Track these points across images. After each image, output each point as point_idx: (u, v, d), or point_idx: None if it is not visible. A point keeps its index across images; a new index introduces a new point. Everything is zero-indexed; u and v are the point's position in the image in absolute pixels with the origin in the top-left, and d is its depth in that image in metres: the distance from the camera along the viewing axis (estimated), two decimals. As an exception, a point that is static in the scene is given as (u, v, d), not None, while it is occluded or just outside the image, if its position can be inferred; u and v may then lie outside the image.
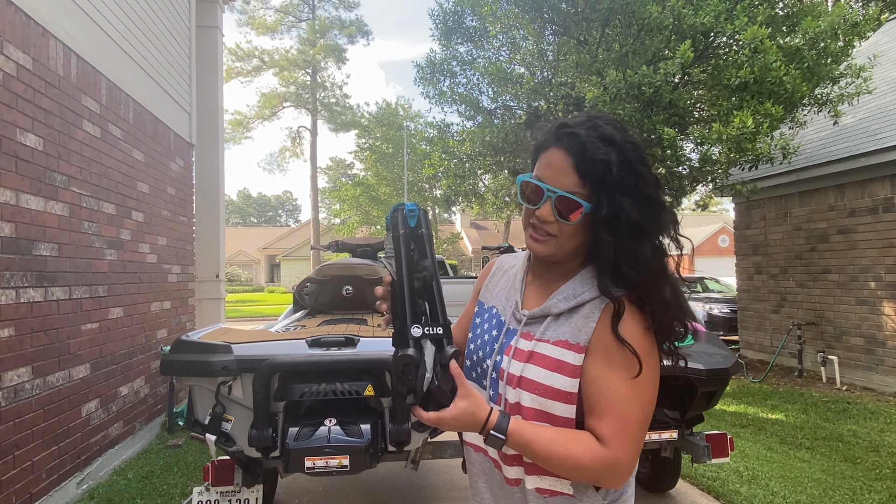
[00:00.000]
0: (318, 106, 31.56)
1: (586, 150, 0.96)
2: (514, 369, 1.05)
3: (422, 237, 1.02)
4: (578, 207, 0.97)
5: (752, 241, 8.52)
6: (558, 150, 1.00)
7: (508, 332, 1.11)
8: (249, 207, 71.22)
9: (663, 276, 1.00)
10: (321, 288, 3.66)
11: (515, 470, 1.06)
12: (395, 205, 1.04)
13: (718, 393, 2.82)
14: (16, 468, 2.89)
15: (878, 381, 6.37)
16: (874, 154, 6.26)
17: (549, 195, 0.99)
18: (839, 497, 3.47)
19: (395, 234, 1.00)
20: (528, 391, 1.02)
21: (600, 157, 0.96)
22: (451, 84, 9.00)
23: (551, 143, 1.02)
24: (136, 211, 4.56)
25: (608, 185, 0.96)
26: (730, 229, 27.91)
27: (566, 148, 0.98)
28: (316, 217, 31.86)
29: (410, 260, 1.00)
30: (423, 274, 0.99)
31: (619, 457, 0.93)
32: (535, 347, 1.04)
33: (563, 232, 1.00)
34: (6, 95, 2.91)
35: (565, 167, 0.98)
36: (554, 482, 1.02)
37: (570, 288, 1.06)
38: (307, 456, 2.09)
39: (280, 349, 2.28)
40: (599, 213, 0.97)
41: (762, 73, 5.55)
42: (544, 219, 1.00)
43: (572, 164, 0.98)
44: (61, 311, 3.39)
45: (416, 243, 1.01)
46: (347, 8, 31.81)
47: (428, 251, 1.01)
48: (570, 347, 1.01)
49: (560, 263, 1.09)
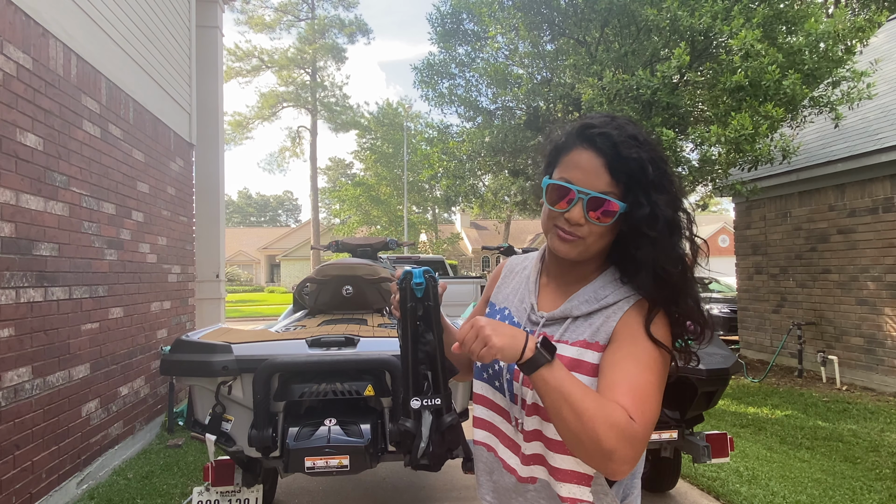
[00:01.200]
0: (318, 106, 31.57)
1: (619, 150, 0.96)
2: None
3: (429, 309, 1.04)
4: (613, 208, 0.97)
5: (752, 241, 8.52)
6: (586, 151, 0.98)
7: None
8: (249, 207, 71.23)
9: (693, 275, 1.01)
10: (321, 288, 3.65)
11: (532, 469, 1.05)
12: (404, 272, 1.05)
13: (718, 393, 2.82)
14: (16, 468, 2.89)
15: (878, 381, 6.37)
16: (874, 154, 6.26)
17: (582, 197, 0.97)
18: (839, 497, 3.47)
19: (403, 306, 1.03)
20: None
21: (634, 156, 0.95)
22: (451, 86, 9.01)
23: (576, 144, 1.00)
24: (136, 211, 4.56)
25: (643, 184, 0.96)
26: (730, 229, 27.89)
27: (596, 148, 0.97)
28: (316, 217, 31.87)
29: (416, 332, 1.03)
30: (426, 348, 1.03)
31: (639, 432, 0.89)
32: (561, 351, 1.02)
33: (592, 233, 0.99)
34: (6, 95, 2.90)
35: (597, 168, 0.97)
36: (573, 489, 1.00)
37: (592, 291, 1.05)
38: (307, 456, 2.09)
39: (280, 349, 2.28)
40: (636, 212, 0.97)
41: (757, 76, 5.56)
42: (575, 221, 0.98)
43: (604, 165, 0.97)
44: (61, 311, 3.39)
45: (422, 315, 1.04)
46: (347, 7, 31.83)
47: (434, 323, 1.04)
48: (589, 346, 1.01)
49: (578, 265, 1.08)
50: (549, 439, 1.02)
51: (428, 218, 28.81)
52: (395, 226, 26.44)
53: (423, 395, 1.01)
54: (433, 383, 1.02)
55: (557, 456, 1.01)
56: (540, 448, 1.04)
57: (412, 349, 1.02)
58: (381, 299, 3.77)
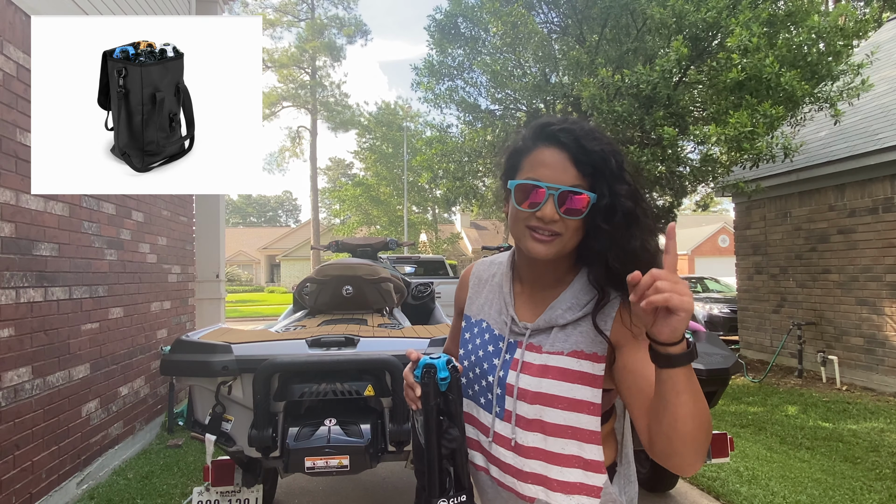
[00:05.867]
0: (318, 105, 31.58)
1: (582, 143, 0.96)
2: (527, 384, 1.01)
3: (452, 403, 1.00)
4: (584, 199, 0.96)
5: (752, 241, 8.52)
6: (549, 148, 0.99)
7: (510, 346, 1.07)
8: (249, 207, 71.23)
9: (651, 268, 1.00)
10: (321, 288, 3.65)
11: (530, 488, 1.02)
12: (423, 361, 1.00)
13: (718, 393, 2.82)
14: (16, 468, 2.89)
15: (878, 381, 6.37)
16: (874, 154, 6.26)
17: (552, 192, 0.96)
18: (839, 497, 3.47)
19: (426, 403, 0.98)
20: (552, 406, 0.99)
21: (596, 148, 0.96)
22: (450, 87, 9.01)
23: (538, 143, 1.01)
24: (136, 211, 4.55)
25: (605, 175, 0.97)
26: (730, 229, 27.90)
27: (560, 144, 0.98)
28: (316, 217, 31.87)
29: (440, 428, 0.98)
30: (452, 444, 0.99)
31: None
32: (550, 361, 1.01)
33: (568, 228, 0.98)
34: (6, 95, 2.91)
35: (563, 162, 0.98)
36: (583, 500, 0.99)
37: (572, 296, 1.04)
38: (307, 456, 2.09)
39: (280, 349, 2.28)
40: (600, 203, 0.97)
41: (755, 73, 5.55)
42: (549, 218, 0.97)
43: (569, 159, 0.97)
44: (61, 310, 3.39)
45: (445, 409, 1.00)
46: (346, 7, 31.85)
47: (457, 416, 1.01)
48: (588, 357, 0.99)
49: (551, 269, 1.07)
50: (551, 454, 1.00)
51: (428, 218, 28.81)
52: (395, 226, 26.44)
53: (446, 494, 0.96)
54: (456, 479, 0.98)
55: (565, 470, 0.99)
56: (540, 466, 1.01)
57: (437, 447, 0.97)
58: (381, 299, 3.76)
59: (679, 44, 5.69)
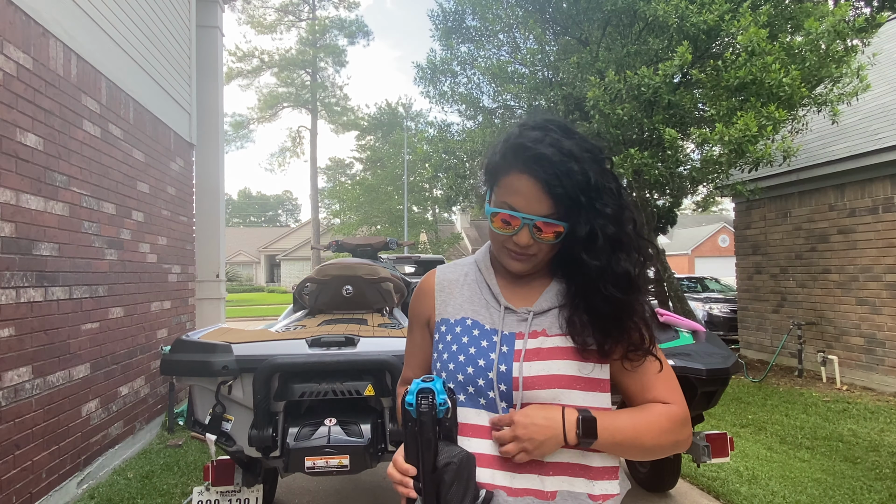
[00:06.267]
0: (319, 106, 31.58)
1: (556, 172, 0.94)
2: (538, 369, 0.99)
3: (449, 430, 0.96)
4: (557, 228, 0.97)
5: (752, 241, 8.52)
6: (524, 176, 0.96)
7: (506, 338, 1.03)
8: (249, 207, 71.22)
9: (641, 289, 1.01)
10: (321, 288, 3.65)
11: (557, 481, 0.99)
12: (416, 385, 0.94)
13: (718, 393, 2.82)
14: (16, 468, 2.89)
15: (878, 381, 6.37)
16: (874, 154, 6.26)
17: (526, 223, 0.97)
18: (839, 497, 3.47)
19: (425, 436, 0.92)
20: (570, 388, 0.99)
21: (570, 176, 0.94)
22: (452, 84, 9.01)
23: (513, 168, 0.98)
24: (136, 211, 4.56)
25: (581, 203, 0.95)
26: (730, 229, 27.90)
27: (533, 173, 0.95)
28: (316, 217, 31.87)
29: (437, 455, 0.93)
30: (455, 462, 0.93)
31: (683, 410, 1.03)
32: (558, 342, 1.01)
33: (541, 249, 1.01)
34: (6, 95, 2.90)
35: (537, 193, 0.95)
36: (606, 486, 0.99)
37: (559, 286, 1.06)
38: (307, 456, 2.09)
39: (280, 349, 2.28)
40: (577, 232, 0.97)
41: (760, 75, 5.55)
42: (524, 244, 0.99)
43: (543, 189, 0.95)
44: (61, 310, 3.39)
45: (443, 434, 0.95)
46: (348, 8, 31.85)
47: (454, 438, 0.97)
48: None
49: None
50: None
51: (428, 218, 28.80)
52: (395, 226, 26.43)
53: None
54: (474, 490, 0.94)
55: (587, 453, 0.99)
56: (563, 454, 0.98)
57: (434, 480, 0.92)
58: (381, 299, 3.77)
59: (685, 49, 5.69)
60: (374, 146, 28.10)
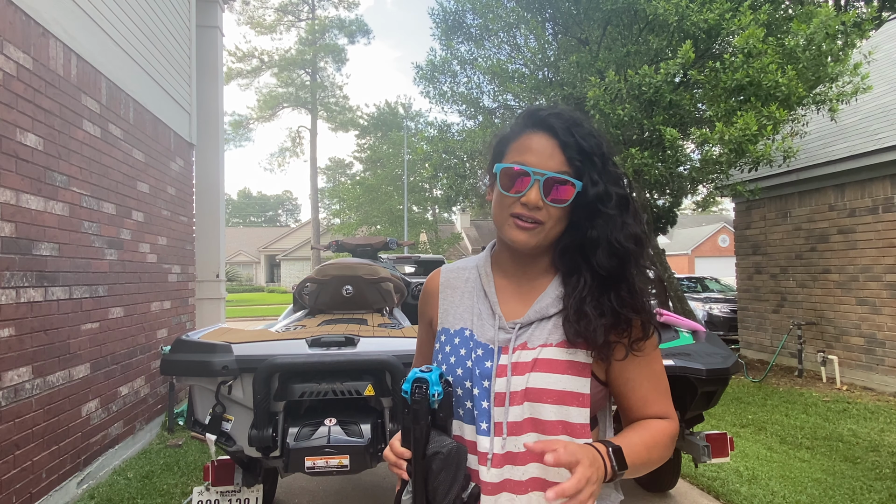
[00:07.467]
0: (318, 106, 31.58)
1: (572, 131, 0.96)
2: (518, 384, 0.96)
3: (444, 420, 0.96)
4: (570, 187, 0.95)
5: (752, 241, 8.52)
6: (537, 134, 0.98)
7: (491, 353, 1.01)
8: (249, 207, 71.21)
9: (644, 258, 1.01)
10: (321, 288, 3.66)
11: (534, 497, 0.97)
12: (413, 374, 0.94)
13: (718, 393, 2.82)
14: (16, 468, 2.89)
15: (878, 380, 6.37)
16: (874, 154, 6.26)
17: (537, 178, 0.94)
18: (839, 497, 3.47)
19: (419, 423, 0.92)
20: (541, 401, 0.94)
21: (585, 136, 0.97)
22: (452, 84, 9.00)
23: (526, 129, 1.00)
24: (136, 211, 4.56)
25: (595, 163, 0.97)
26: (730, 229, 27.89)
27: (549, 130, 0.97)
28: (316, 217, 31.87)
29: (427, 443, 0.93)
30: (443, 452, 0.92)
31: (678, 422, 1.04)
32: (539, 354, 0.97)
33: (551, 216, 0.97)
34: (6, 95, 2.90)
35: (550, 149, 0.96)
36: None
37: (559, 285, 1.02)
38: (307, 456, 2.10)
39: (280, 349, 2.28)
40: (591, 191, 0.96)
41: (758, 76, 5.55)
42: (533, 204, 0.95)
43: (557, 146, 0.96)
44: (61, 310, 3.39)
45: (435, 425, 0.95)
46: (347, 7, 31.84)
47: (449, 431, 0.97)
48: (576, 345, 0.97)
49: (532, 263, 1.05)
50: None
51: (428, 218, 28.80)
52: (395, 226, 26.43)
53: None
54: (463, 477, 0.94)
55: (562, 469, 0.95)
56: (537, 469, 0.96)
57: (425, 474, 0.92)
58: (381, 299, 3.77)
59: (688, 47, 5.68)
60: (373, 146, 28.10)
